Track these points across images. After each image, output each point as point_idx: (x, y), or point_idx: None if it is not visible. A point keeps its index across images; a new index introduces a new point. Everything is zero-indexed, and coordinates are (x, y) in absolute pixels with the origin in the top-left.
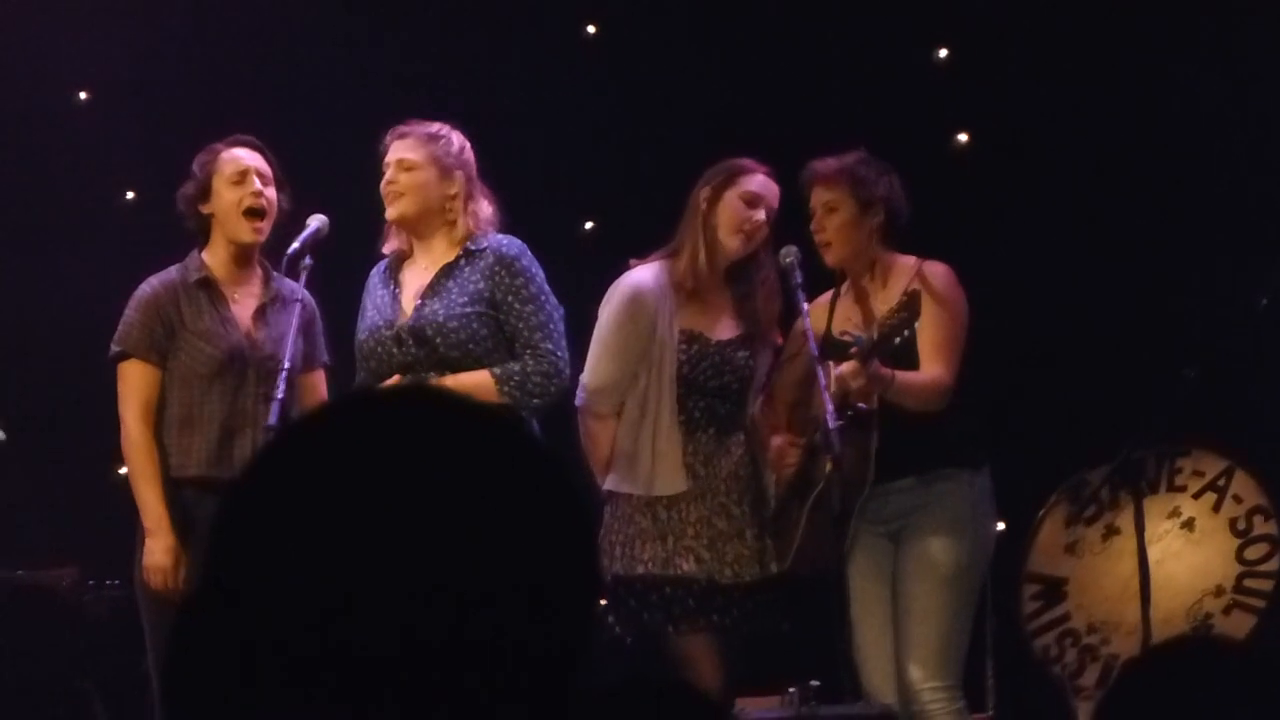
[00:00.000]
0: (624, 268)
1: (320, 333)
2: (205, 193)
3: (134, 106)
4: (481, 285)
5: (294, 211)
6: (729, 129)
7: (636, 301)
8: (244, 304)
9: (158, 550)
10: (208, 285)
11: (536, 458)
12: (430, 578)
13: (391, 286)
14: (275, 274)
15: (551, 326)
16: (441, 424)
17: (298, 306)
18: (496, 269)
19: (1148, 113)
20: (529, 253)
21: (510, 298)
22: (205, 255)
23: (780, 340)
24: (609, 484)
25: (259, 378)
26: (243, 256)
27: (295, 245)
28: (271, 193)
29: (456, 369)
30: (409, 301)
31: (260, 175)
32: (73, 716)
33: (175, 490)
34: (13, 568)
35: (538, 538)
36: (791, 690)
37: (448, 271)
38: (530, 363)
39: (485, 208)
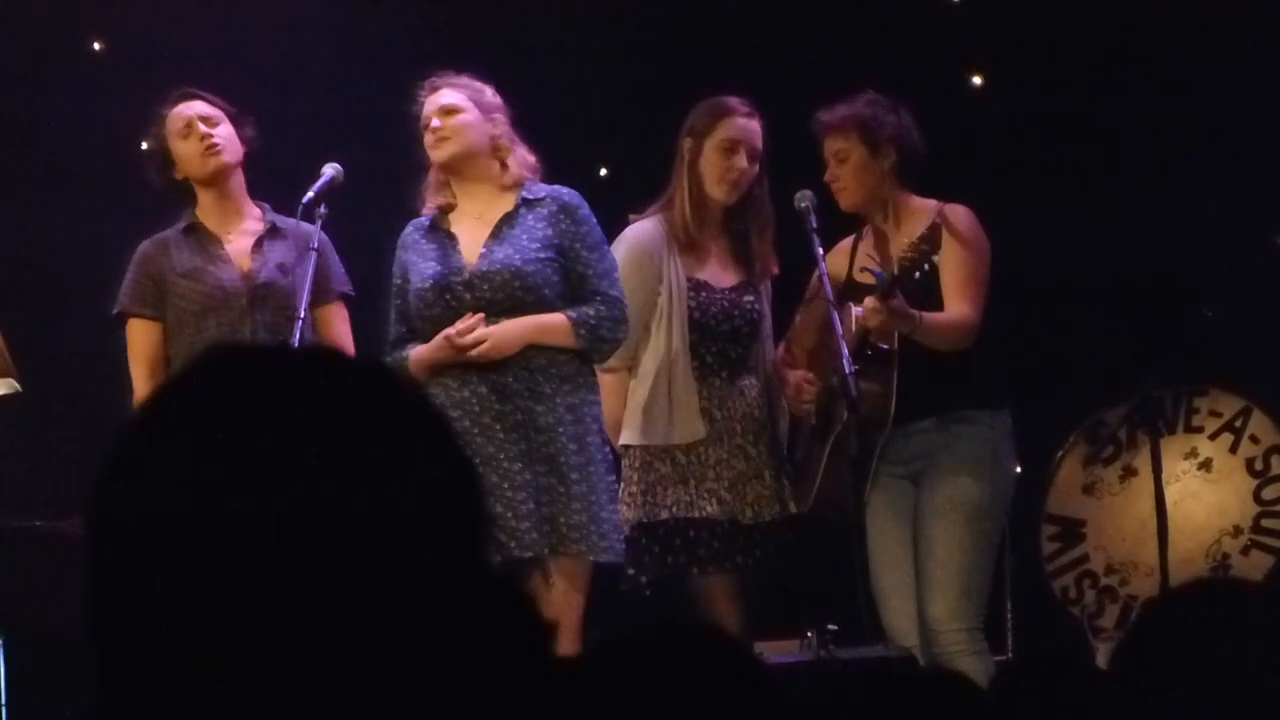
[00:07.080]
0: (624, 223)
1: (334, 264)
2: (168, 158)
3: (149, 56)
4: (549, 231)
5: (310, 161)
6: (742, 73)
7: (640, 254)
8: (239, 241)
9: None
10: (195, 230)
11: (404, 403)
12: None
13: (443, 239)
14: (270, 211)
15: (615, 274)
16: (309, 376)
17: (312, 256)
18: (560, 216)
19: (1165, 49)
20: (586, 203)
21: (577, 244)
22: (196, 210)
23: (776, 271)
24: (625, 438)
25: (257, 306)
26: (226, 198)
27: (309, 194)
28: (222, 129)
29: (529, 312)
30: (471, 250)
31: (203, 119)
32: (90, 664)
33: None
34: (28, 518)
35: (415, 480)
36: (810, 634)
37: (510, 219)
38: (602, 308)
39: (528, 154)
